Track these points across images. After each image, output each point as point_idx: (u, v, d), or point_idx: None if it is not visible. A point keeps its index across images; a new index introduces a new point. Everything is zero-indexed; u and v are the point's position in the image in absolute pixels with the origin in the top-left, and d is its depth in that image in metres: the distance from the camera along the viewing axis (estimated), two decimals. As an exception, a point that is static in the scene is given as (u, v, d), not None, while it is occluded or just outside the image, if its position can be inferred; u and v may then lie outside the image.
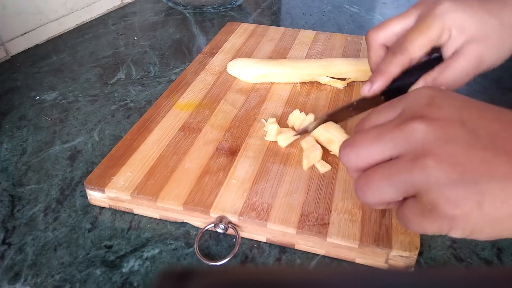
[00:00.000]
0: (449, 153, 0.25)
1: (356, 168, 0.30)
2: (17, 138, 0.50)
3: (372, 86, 0.38)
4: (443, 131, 0.26)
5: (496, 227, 0.26)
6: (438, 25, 0.38)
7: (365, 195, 0.29)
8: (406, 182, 0.26)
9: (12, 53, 0.66)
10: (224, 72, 0.58)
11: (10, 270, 0.35)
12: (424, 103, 0.28)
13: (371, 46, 0.42)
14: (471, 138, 0.25)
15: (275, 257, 0.37)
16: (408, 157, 0.26)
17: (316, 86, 0.55)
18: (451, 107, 0.27)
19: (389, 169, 0.27)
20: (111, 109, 0.54)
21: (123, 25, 0.77)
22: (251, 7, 0.86)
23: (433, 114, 0.27)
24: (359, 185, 0.29)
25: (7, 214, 0.40)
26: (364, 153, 0.29)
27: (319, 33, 0.69)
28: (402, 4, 0.89)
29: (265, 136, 0.46)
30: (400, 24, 0.41)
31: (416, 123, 0.26)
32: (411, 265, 0.35)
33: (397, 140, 0.27)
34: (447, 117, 0.26)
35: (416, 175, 0.26)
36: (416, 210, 0.27)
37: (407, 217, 0.28)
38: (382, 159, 0.28)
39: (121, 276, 0.35)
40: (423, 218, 0.27)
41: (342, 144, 0.30)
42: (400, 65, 0.38)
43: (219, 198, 0.39)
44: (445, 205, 0.25)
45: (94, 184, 0.40)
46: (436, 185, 0.25)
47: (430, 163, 0.25)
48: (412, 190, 0.27)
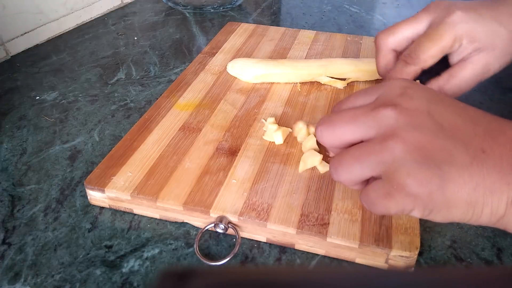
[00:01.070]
0: (416, 138, 0.27)
1: (331, 146, 0.32)
2: (17, 138, 0.50)
3: None
4: (412, 119, 0.28)
5: (452, 210, 0.28)
6: (450, 35, 0.38)
7: (337, 173, 0.31)
8: (375, 162, 0.28)
9: (12, 53, 0.66)
10: (224, 72, 0.58)
11: (10, 270, 0.35)
12: (398, 93, 0.30)
13: (381, 50, 0.42)
14: (436, 128, 0.28)
15: (275, 257, 0.37)
16: (378, 139, 0.29)
17: (316, 86, 0.55)
18: (421, 98, 0.29)
19: (360, 150, 0.30)
20: (111, 109, 0.54)
21: (123, 25, 0.77)
22: (251, 7, 0.86)
23: (404, 103, 0.29)
24: (333, 164, 0.31)
25: (7, 214, 0.40)
26: (338, 132, 0.31)
27: (319, 33, 0.69)
28: (402, 4, 0.89)
29: (263, 136, 0.46)
30: (411, 29, 0.41)
31: (388, 109, 0.29)
32: (411, 265, 0.35)
33: (369, 123, 0.29)
34: (416, 107, 0.29)
35: (384, 155, 0.28)
36: (381, 190, 0.29)
37: (371, 198, 0.30)
38: (355, 140, 0.30)
39: (121, 276, 0.35)
40: (388, 197, 0.28)
41: (319, 122, 0.32)
42: (411, 74, 0.39)
43: (219, 198, 0.39)
44: (412, 183, 0.27)
45: (94, 184, 0.40)
46: (403, 165, 0.27)
47: (398, 145, 0.27)
48: (379, 170, 0.29)
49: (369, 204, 0.30)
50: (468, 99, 0.39)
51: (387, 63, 0.42)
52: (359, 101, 0.32)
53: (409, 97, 0.29)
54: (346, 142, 0.31)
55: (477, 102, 0.54)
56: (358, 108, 0.31)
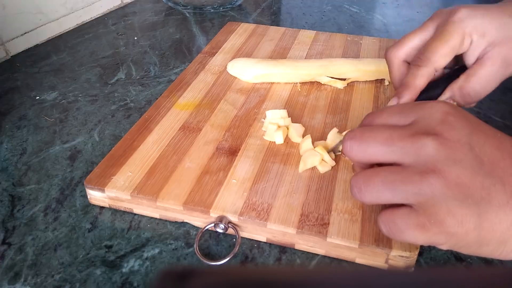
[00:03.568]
0: (457, 174, 0.27)
1: (357, 162, 0.31)
2: (17, 138, 0.50)
3: (400, 100, 0.39)
4: (453, 152, 0.27)
5: (483, 248, 0.28)
6: (458, 32, 0.37)
7: (361, 193, 0.30)
8: (411, 192, 0.27)
9: (12, 53, 0.66)
10: (224, 72, 0.58)
11: (10, 270, 0.35)
12: (439, 119, 0.28)
13: (392, 64, 0.42)
14: (476, 163, 0.27)
15: (275, 257, 0.37)
16: (417, 169, 0.27)
17: (316, 86, 0.55)
18: (463, 129, 0.28)
19: (394, 175, 0.28)
20: (111, 109, 0.54)
21: (123, 25, 0.77)
22: (251, 7, 0.86)
23: (446, 133, 0.28)
24: (357, 182, 0.30)
25: (7, 214, 0.40)
26: (370, 150, 0.29)
27: (319, 33, 0.69)
28: (402, 4, 0.89)
29: (264, 136, 0.46)
30: (419, 38, 0.40)
31: (429, 139, 0.27)
32: (411, 265, 0.35)
33: (407, 150, 0.28)
34: (458, 139, 0.27)
35: (423, 187, 0.27)
36: (413, 221, 0.28)
37: (399, 226, 0.29)
38: (385, 162, 0.29)
39: (121, 276, 0.35)
40: (421, 230, 0.28)
41: (349, 134, 0.31)
42: (425, 77, 0.38)
43: (219, 198, 0.39)
44: (451, 222, 0.27)
45: (94, 183, 0.40)
46: (443, 201, 0.27)
47: (438, 180, 0.27)
48: (413, 200, 0.28)
49: (394, 230, 0.29)
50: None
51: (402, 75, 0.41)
52: (394, 119, 0.31)
53: (451, 126, 0.28)
54: (375, 162, 0.30)
55: (478, 102, 0.54)
56: (393, 129, 0.29)
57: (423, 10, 0.86)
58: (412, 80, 0.38)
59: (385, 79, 0.56)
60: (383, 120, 0.31)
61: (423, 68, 0.38)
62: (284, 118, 0.47)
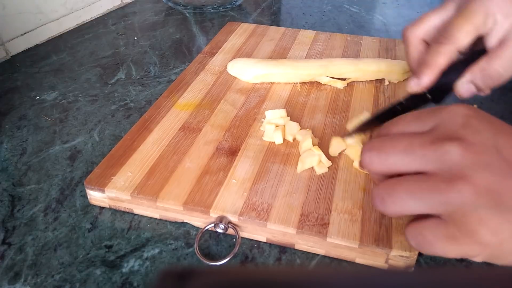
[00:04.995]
0: (486, 180, 0.25)
1: (379, 173, 0.29)
2: (17, 138, 0.50)
3: (420, 80, 0.37)
4: (479, 157, 0.25)
5: None
6: (482, 11, 0.36)
7: (384, 205, 0.28)
8: (438, 202, 0.26)
9: (12, 53, 0.66)
10: (224, 72, 0.58)
11: (10, 270, 0.35)
12: (460, 123, 0.27)
13: (410, 42, 0.40)
14: (505, 167, 0.25)
15: (275, 257, 0.37)
16: (442, 177, 0.26)
17: (316, 86, 0.55)
18: (487, 132, 0.26)
19: (418, 185, 0.27)
20: (111, 109, 0.54)
21: (123, 25, 0.77)
22: (251, 7, 0.86)
23: (470, 137, 0.26)
24: (379, 193, 0.28)
25: (7, 214, 0.40)
26: (391, 161, 0.28)
27: (319, 33, 0.69)
28: (402, 4, 0.89)
29: (263, 137, 0.46)
30: (439, 17, 0.39)
31: (452, 145, 0.26)
32: (411, 265, 0.35)
33: (429, 157, 0.26)
34: (483, 142, 0.26)
35: (451, 196, 0.25)
36: (442, 232, 0.26)
37: (428, 239, 0.27)
38: (407, 171, 0.27)
39: (121, 276, 0.35)
40: (452, 241, 0.26)
41: (366, 146, 0.29)
42: (447, 55, 0.36)
43: (219, 198, 0.39)
44: (484, 232, 0.25)
45: (94, 184, 0.40)
46: (474, 210, 0.25)
47: (467, 187, 0.25)
48: (441, 210, 0.26)
49: (422, 244, 0.28)
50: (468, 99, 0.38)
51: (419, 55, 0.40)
52: (412, 126, 0.29)
53: (474, 129, 0.26)
54: (397, 172, 0.28)
55: (478, 102, 0.54)
56: (413, 136, 0.28)
57: (423, 10, 0.86)
58: (433, 58, 0.37)
59: (385, 79, 0.56)
60: (400, 128, 0.29)
61: (445, 46, 0.36)
62: (284, 118, 0.47)
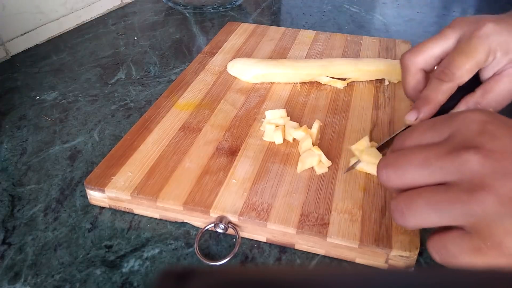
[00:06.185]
0: (509, 188, 0.24)
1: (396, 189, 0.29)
2: (17, 138, 0.50)
3: (420, 114, 0.37)
4: (500, 164, 0.25)
5: None
6: (484, 48, 0.36)
7: (404, 218, 0.27)
8: (460, 213, 0.25)
9: (12, 53, 0.66)
10: (224, 72, 0.58)
11: (10, 270, 0.35)
12: (476, 130, 0.26)
13: (409, 70, 0.40)
14: None
15: (275, 257, 0.37)
16: (463, 187, 0.25)
17: (316, 86, 0.55)
18: (505, 137, 0.26)
19: (438, 196, 0.26)
20: (111, 109, 0.54)
21: (123, 25, 0.77)
22: (251, 7, 0.86)
23: (488, 144, 0.25)
24: (398, 206, 0.28)
25: (7, 214, 0.40)
26: (409, 176, 0.27)
27: (319, 33, 0.69)
28: (402, 4, 0.89)
29: (263, 137, 0.46)
30: (439, 47, 0.39)
31: (470, 154, 0.25)
32: (411, 265, 0.35)
33: (448, 169, 0.26)
34: (502, 149, 0.25)
35: (473, 207, 0.25)
36: (467, 245, 0.26)
37: (452, 252, 0.27)
38: (426, 184, 0.27)
39: (121, 276, 0.35)
40: (478, 254, 0.25)
41: (382, 163, 0.29)
42: (448, 92, 0.37)
43: (219, 198, 0.39)
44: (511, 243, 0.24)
45: (94, 184, 0.40)
46: (499, 220, 0.24)
47: (489, 197, 0.24)
48: (464, 222, 0.25)
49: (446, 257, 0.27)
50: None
51: (417, 84, 0.40)
52: (427, 137, 0.28)
53: (492, 135, 0.26)
54: (416, 186, 0.27)
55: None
56: (428, 148, 0.27)
57: (423, 10, 0.86)
58: (434, 95, 0.37)
59: (385, 79, 0.56)
60: (414, 140, 0.29)
61: (447, 84, 0.37)
62: (284, 118, 0.47)
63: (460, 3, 0.90)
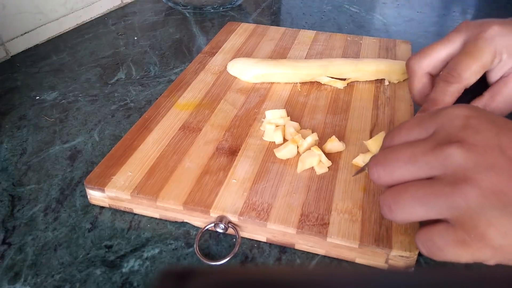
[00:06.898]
0: (491, 181, 0.25)
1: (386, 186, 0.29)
2: (17, 138, 0.50)
3: None
4: (482, 157, 0.25)
5: None
6: (490, 50, 0.36)
7: (392, 212, 0.28)
8: (444, 206, 0.26)
9: (12, 53, 0.66)
10: (224, 72, 0.58)
11: (10, 270, 0.35)
12: (460, 124, 0.27)
13: (415, 74, 0.41)
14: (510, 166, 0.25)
15: (275, 257, 0.37)
16: (447, 181, 0.26)
17: (316, 86, 0.55)
18: (488, 131, 0.26)
19: (424, 190, 0.27)
20: (111, 109, 0.54)
21: (123, 25, 0.77)
22: (251, 7, 0.86)
23: (470, 138, 0.26)
24: (386, 201, 0.28)
25: (7, 214, 0.40)
26: (397, 173, 0.28)
27: (319, 33, 0.69)
28: (402, 4, 0.89)
29: (263, 137, 0.46)
30: (445, 50, 0.39)
31: (453, 148, 0.26)
32: (411, 265, 0.35)
33: (433, 164, 0.26)
34: (485, 143, 0.25)
35: (457, 199, 0.25)
36: (451, 237, 0.26)
37: (438, 245, 0.27)
38: (414, 179, 0.28)
39: (121, 276, 0.35)
40: (462, 246, 0.26)
41: (372, 161, 0.29)
42: (455, 94, 0.37)
43: (219, 198, 0.39)
44: (494, 235, 0.25)
45: (94, 183, 0.40)
46: (482, 212, 0.25)
47: (472, 189, 0.25)
48: (448, 215, 0.26)
49: (433, 250, 0.28)
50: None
51: (423, 87, 0.40)
52: (413, 134, 0.29)
53: (474, 129, 0.26)
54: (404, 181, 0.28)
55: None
56: (415, 144, 0.28)
57: (423, 10, 0.86)
58: (442, 97, 0.37)
59: (385, 79, 0.56)
60: (402, 137, 0.29)
61: (454, 85, 0.37)
62: (284, 118, 0.47)
63: (460, 3, 0.90)
